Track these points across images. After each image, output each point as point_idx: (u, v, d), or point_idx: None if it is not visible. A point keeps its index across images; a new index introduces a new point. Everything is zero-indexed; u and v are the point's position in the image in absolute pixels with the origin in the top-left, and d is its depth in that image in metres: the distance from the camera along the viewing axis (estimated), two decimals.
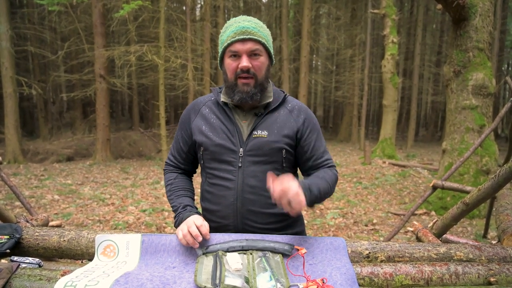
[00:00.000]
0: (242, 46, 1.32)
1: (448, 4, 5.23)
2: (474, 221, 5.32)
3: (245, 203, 1.38)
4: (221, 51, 1.38)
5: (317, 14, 19.72)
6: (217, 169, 1.41)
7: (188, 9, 12.48)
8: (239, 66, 1.34)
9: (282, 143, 1.39)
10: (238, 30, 1.32)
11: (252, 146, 1.38)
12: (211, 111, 1.46)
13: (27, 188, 7.32)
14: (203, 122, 1.44)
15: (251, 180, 1.38)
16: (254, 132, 1.39)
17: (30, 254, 1.36)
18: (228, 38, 1.34)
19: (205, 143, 1.41)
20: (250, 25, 1.34)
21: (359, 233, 4.91)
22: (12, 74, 10.86)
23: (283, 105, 1.47)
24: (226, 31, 1.37)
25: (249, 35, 1.32)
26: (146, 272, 1.13)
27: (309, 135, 1.45)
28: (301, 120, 1.45)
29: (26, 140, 13.74)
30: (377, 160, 11.24)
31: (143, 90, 19.18)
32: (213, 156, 1.41)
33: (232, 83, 1.37)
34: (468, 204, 1.84)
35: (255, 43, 1.34)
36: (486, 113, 5.58)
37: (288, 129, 1.41)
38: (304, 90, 14.61)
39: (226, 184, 1.40)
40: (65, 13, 12.83)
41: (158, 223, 5.17)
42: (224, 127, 1.41)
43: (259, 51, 1.35)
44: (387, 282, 1.19)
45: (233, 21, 1.38)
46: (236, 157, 1.39)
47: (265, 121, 1.41)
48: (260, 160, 1.39)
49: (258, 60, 1.36)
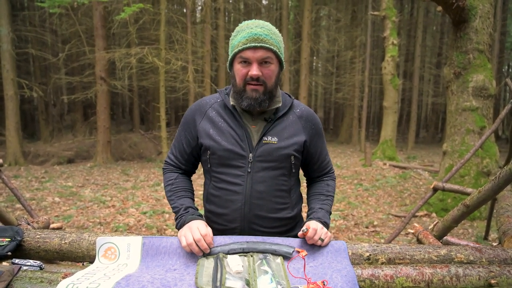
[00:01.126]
0: (253, 54, 1.30)
1: (448, 6, 5.23)
2: (475, 223, 5.31)
3: (253, 208, 1.39)
4: (231, 55, 1.36)
5: (317, 16, 19.76)
6: (225, 174, 1.40)
7: (189, 11, 12.51)
8: (249, 73, 1.32)
9: (291, 150, 1.40)
10: (250, 37, 1.29)
11: (262, 152, 1.38)
12: (218, 114, 1.43)
13: (28, 190, 7.33)
14: (210, 125, 1.42)
15: (260, 185, 1.38)
16: (264, 138, 1.39)
17: (31, 256, 1.36)
18: (239, 44, 1.31)
19: (213, 147, 1.39)
20: (262, 32, 1.31)
21: (359, 235, 4.90)
22: (13, 77, 10.88)
23: (292, 110, 1.47)
24: (237, 36, 1.34)
25: (260, 43, 1.29)
26: (147, 274, 1.13)
27: (317, 142, 1.50)
28: (309, 128, 1.47)
29: (27, 142, 13.75)
30: (378, 162, 11.24)
31: (143, 92, 19.20)
32: (221, 160, 1.40)
33: (241, 89, 1.35)
34: (469, 206, 1.84)
35: (267, 51, 1.31)
36: (487, 114, 5.58)
37: (297, 136, 1.42)
38: (305, 92, 14.62)
39: (234, 189, 1.39)
40: (66, 15, 12.87)
41: (159, 225, 5.17)
42: (233, 132, 1.39)
43: (270, 59, 1.33)
44: (387, 284, 1.19)
45: (245, 26, 1.35)
46: (245, 162, 1.38)
47: (275, 127, 1.41)
48: (269, 166, 1.39)
49: (268, 68, 1.33)
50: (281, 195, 1.43)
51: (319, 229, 1.29)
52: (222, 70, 15.08)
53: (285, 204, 1.45)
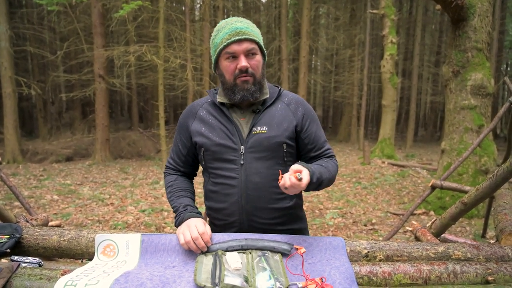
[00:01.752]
0: (238, 47, 1.33)
1: (447, 5, 5.24)
2: (473, 220, 5.33)
3: (250, 200, 1.40)
4: (216, 54, 1.38)
5: (316, 14, 19.74)
6: (220, 168, 1.42)
7: (188, 9, 12.48)
8: (238, 66, 1.34)
9: (283, 137, 1.41)
10: (233, 31, 1.33)
11: (253, 143, 1.39)
12: (208, 112, 1.47)
13: (26, 188, 7.32)
14: (202, 124, 1.45)
15: (254, 176, 1.39)
16: (253, 129, 1.40)
17: (30, 253, 1.36)
18: (223, 40, 1.34)
19: (205, 144, 1.42)
20: (243, 26, 1.35)
21: (358, 233, 4.91)
22: (11, 74, 10.85)
23: (279, 99, 1.48)
24: (218, 34, 1.37)
25: (244, 35, 1.33)
26: (146, 271, 1.14)
27: (309, 127, 1.47)
28: (299, 113, 1.46)
29: (25, 140, 13.72)
30: (376, 160, 11.26)
31: (142, 90, 19.18)
32: (214, 156, 1.42)
33: (232, 84, 1.37)
34: (467, 203, 1.85)
35: (251, 42, 1.35)
36: (485, 113, 5.59)
37: (287, 122, 1.43)
38: (303, 90, 14.62)
39: (230, 182, 1.41)
40: (64, 13, 12.82)
41: (158, 223, 5.17)
42: (223, 127, 1.42)
43: (255, 50, 1.37)
44: (385, 281, 1.20)
45: (224, 24, 1.38)
46: (237, 155, 1.39)
47: (264, 117, 1.42)
48: (262, 156, 1.40)
49: (255, 59, 1.37)
50: (277, 184, 1.39)
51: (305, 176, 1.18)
52: None
53: (283, 193, 1.41)
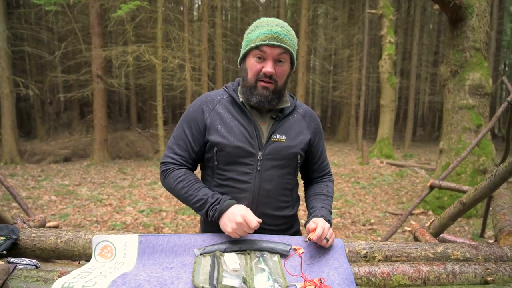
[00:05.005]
0: (270, 51, 1.30)
1: (445, 5, 5.24)
2: (471, 220, 5.34)
3: (260, 206, 1.39)
4: (247, 49, 1.34)
5: (315, 14, 19.75)
6: (232, 171, 1.38)
7: (186, 9, 12.46)
8: (263, 70, 1.31)
9: (298, 149, 1.42)
10: (270, 34, 1.29)
11: (271, 150, 1.37)
12: (227, 110, 1.40)
13: (24, 189, 7.29)
14: (219, 122, 1.38)
15: (268, 184, 1.38)
16: (273, 136, 1.38)
17: (27, 255, 1.35)
18: (257, 39, 1.31)
19: (221, 144, 1.35)
20: (282, 31, 1.31)
21: (357, 233, 4.91)
22: (8, 75, 10.82)
23: (296, 109, 1.49)
24: (255, 31, 1.33)
25: (279, 42, 1.29)
26: (143, 272, 1.13)
27: (319, 142, 1.53)
28: (312, 127, 1.50)
29: (23, 141, 13.68)
30: (375, 160, 11.27)
31: (140, 91, 19.13)
32: (229, 158, 1.37)
33: (252, 85, 1.35)
34: (465, 203, 1.85)
35: (283, 50, 1.31)
36: (483, 113, 5.60)
37: (303, 135, 1.45)
38: (302, 90, 14.63)
39: (242, 187, 1.37)
40: (62, 13, 12.80)
41: (156, 224, 5.16)
42: (242, 129, 1.37)
43: (284, 59, 1.34)
44: (384, 281, 1.19)
45: (264, 22, 1.34)
46: (254, 160, 1.36)
47: (283, 126, 1.41)
48: (278, 165, 1.39)
49: (282, 68, 1.34)
50: (285, 193, 1.44)
51: (326, 229, 1.27)
52: (220, 68, 15.05)
53: (288, 202, 1.47)
